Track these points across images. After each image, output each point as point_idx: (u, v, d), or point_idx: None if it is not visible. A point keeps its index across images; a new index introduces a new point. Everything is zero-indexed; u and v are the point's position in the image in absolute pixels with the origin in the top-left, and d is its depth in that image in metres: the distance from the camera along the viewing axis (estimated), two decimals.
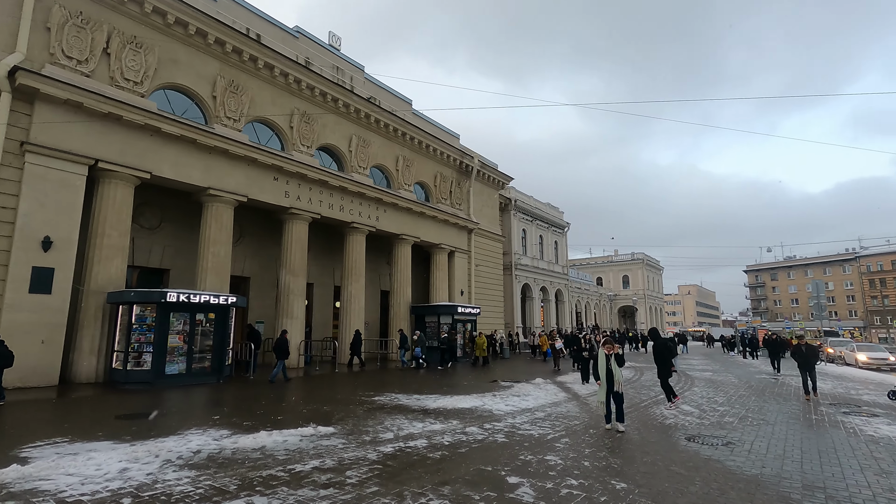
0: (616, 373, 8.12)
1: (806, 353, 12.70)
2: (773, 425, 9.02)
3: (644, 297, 66.86)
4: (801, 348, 12.94)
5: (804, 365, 12.69)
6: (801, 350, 12.85)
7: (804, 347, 12.85)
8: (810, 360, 12.66)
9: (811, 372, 12.61)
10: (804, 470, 6.06)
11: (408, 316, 24.06)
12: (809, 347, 12.90)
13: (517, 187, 38.77)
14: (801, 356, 12.84)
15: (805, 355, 12.71)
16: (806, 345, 12.99)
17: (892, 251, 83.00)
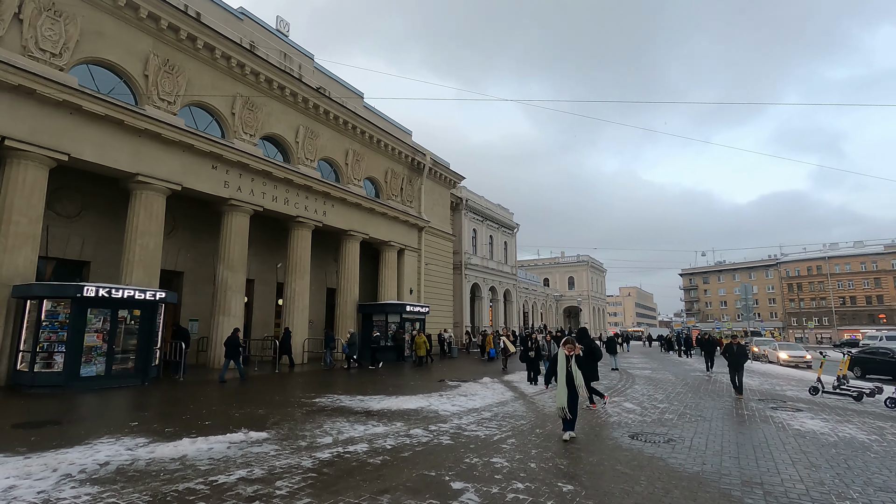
0: (577, 376, 7.47)
1: (736, 353, 13.07)
2: (709, 421, 9.29)
3: (588, 298, 69.08)
4: (731, 347, 13.28)
5: (734, 364, 13.04)
6: (732, 349, 13.20)
7: (735, 347, 13.18)
8: (740, 360, 13.02)
9: (739, 371, 13.00)
10: (742, 466, 6.18)
11: (355, 315, 23.38)
12: (739, 347, 13.23)
13: (469, 187, 38.85)
14: (731, 355, 13.18)
15: (735, 354, 13.07)
16: (737, 344, 13.31)
17: (808, 258, 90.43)
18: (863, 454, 6.90)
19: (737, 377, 12.91)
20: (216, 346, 17.12)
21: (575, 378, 7.43)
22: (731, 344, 13.38)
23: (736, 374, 12.92)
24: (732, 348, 13.15)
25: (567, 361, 7.56)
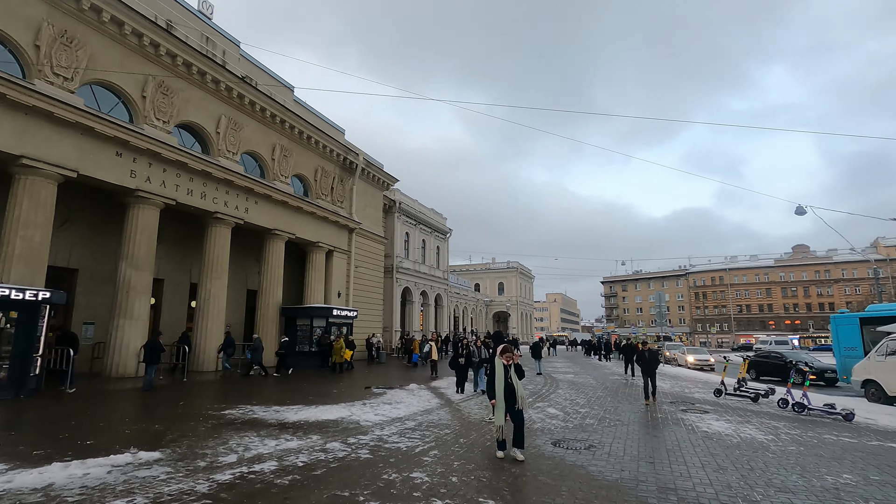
0: (518, 387, 6.75)
1: (648, 359, 13.06)
2: (627, 425, 9.56)
3: (517, 304, 70.89)
4: (644, 354, 13.32)
5: (647, 370, 13.01)
6: (645, 356, 13.21)
7: (647, 353, 13.22)
8: (652, 365, 13.03)
9: (652, 377, 12.94)
10: (657, 471, 6.31)
11: (277, 318, 22.15)
12: (651, 353, 13.26)
13: (403, 190, 38.45)
14: (644, 361, 13.17)
15: (648, 360, 13.05)
16: (649, 350, 13.40)
17: (712, 269, 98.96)
18: (762, 454, 7.33)
19: (650, 382, 12.91)
20: (116, 351, 15.42)
21: (517, 390, 6.69)
22: (644, 350, 13.51)
23: (649, 379, 12.92)
24: (645, 354, 13.25)
25: (506, 372, 6.75)
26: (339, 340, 20.25)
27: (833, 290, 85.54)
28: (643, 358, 13.15)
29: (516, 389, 6.72)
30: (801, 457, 7.24)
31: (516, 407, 6.73)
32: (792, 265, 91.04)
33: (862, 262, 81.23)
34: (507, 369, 6.81)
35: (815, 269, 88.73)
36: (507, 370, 6.81)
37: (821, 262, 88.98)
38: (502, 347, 7.07)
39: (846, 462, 7.00)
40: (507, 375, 6.76)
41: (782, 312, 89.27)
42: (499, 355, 6.94)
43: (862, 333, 16.64)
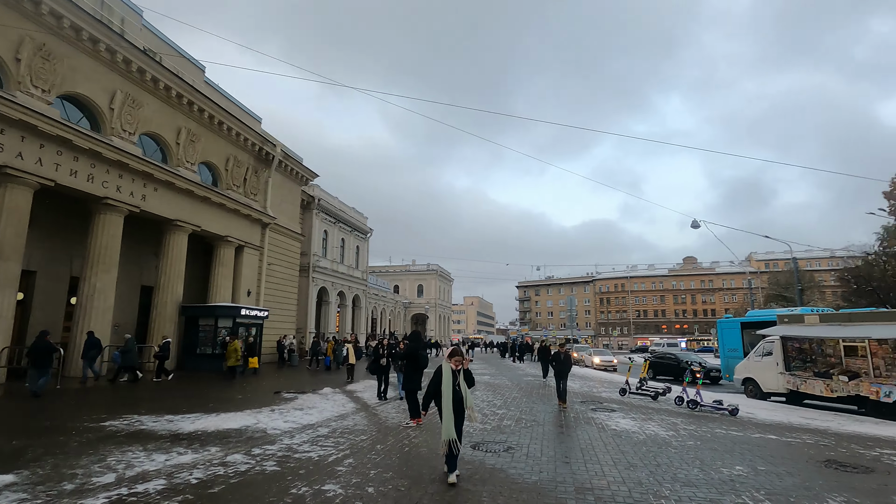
0: (467, 397, 5.92)
1: (563, 361, 12.71)
2: (542, 426, 9.73)
3: (435, 306, 71.28)
4: (559, 356, 12.89)
5: (559, 372, 12.69)
6: (559, 357, 12.84)
7: (561, 355, 12.80)
8: (565, 368, 12.71)
9: (564, 379, 12.67)
10: (574, 471, 6.38)
11: (176, 317, 20.16)
12: (566, 355, 12.90)
13: (323, 187, 37.04)
14: (557, 363, 12.82)
15: (561, 363, 12.71)
16: (564, 353, 12.93)
17: (616, 277, 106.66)
18: (666, 450, 7.74)
19: (561, 384, 12.65)
20: None
21: (465, 399, 5.90)
22: (559, 352, 13.02)
23: (561, 382, 12.65)
24: (559, 356, 12.84)
25: (454, 378, 5.88)
26: (235, 342, 18.29)
27: (715, 297, 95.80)
28: (558, 359, 12.85)
29: (465, 399, 5.89)
30: (698, 451, 7.74)
31: (464, 420, 5.98)
32: (682, 275, 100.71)
33: (739, 273, 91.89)
34: (455, 375, 5.94)
35: (700, 279, 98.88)
36: (456, 376, 5.94)
37: (706, 272, 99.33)
38: (451, 350, 6.30)
39: (736, 454, 7.59)
40: (455, 382, 5.88)
41: (673, 317, 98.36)
42: (446, 359, 6.10)
43: (742, 337, 18.58)
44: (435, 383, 6.04)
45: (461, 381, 5.95)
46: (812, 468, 6.84)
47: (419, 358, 10.11)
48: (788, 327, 14.14)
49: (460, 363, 6.04)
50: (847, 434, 9.56)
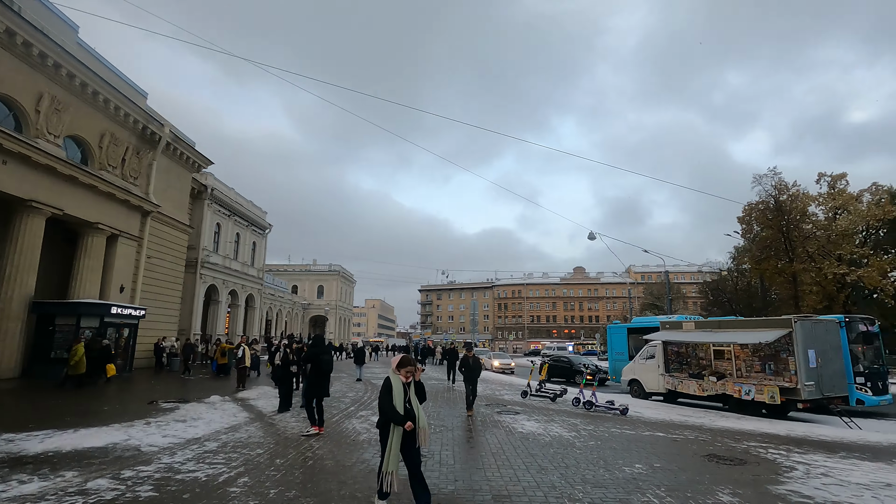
0: (420, 416, 4.73)
1: (472, 366, 11.96)
2: (451, 431, 9.57)
3: (336, 308, 69.02)
4: (468, 361, 11.98)
5: (469, 378, 11.87)
6: (468, 362, 11.96)
7: (471, 360, 11.99)
8: (475, 374, 12.01)
9: (474, 386, 11.96)
10: (488, 478, 6.25)
11: (24, 315, 17.00)
12: (475, 360, 12.15)
13: (218, 176, 34.02)
14: (467, 369, 11.92)
15: (471, 368, 11.94)
16: (473, 357, 12.18)
17: (513, 284, 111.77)
18: (572, 451, 7.96)
19: (471, 390, 11.80)
20: None
21: (418, 419, 4.69)
22: (467, 357, 12.15)
23: (471, 387, 11.80)
24: (468, 361, 11.97)
25: (404, 392, 4.72)
26: (78, 345, 15.31)
27: (599, 305, 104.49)
28: (467, 364, 11.97)
29: (418, 419, 4.67)
30: (600, 451, 8.07)
31: (419, 445, 4.68)
32: (572, 283, 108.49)
33: (620, 283, 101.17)
34: (406, 389, 4.75)
35: (588, 288, 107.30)
36: (406, 391, 4.75)
37: (592, 282, 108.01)
38: (400, 359, 4.93)
39: (633, 453, 8.03)
40: (405, 398, 4.69)
41: (563, 323, 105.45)
42: (394, 369, 4.88)
43: (628, 341, 20.21)
44: (387, 402, 4.65)
45: (412, 397, 4.75)
46: (698, 463, 7.42)
47: (322, 363, 9.34)
48: (669, 333, 15.61)
49: (412, 374, 4.83)
50: (718, 429, 10.65)
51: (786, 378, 12.33)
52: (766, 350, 12.84)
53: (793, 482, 6.38)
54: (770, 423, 11.47)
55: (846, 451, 8.44)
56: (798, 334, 12.18)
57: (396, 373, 4.83)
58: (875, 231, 37.44)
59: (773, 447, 8.68)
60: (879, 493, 5.98)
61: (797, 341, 12.16)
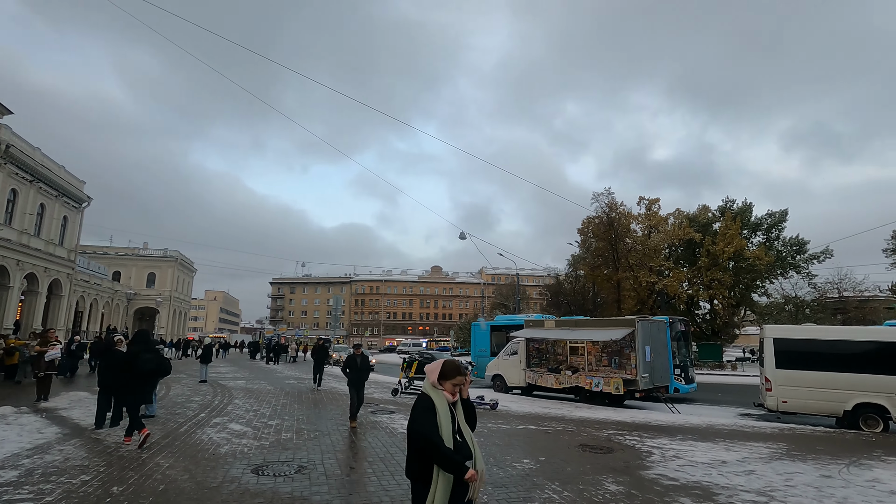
0: (477, 454, 2.99)
1: (361, 367, 9.88)
2: (329, 435, 8.76)
3: (171, 299, 60.64)
4: (354, 360, 9.92)
5: (356, 381, 9.78)
6: (356, 363, 9.87)
7: (360, 360, 9.92)
8: (364, 376, 9.97)
9: (361, 392, 9.91)
10: (385, 488, 5.72)
11: None
12: (364, 359, 10.07)
13: (18, 131, 27.14)
14: (353, 370, 9.81)
15: (360, 369, 9.86)
16: (362, 356, 10.09)
17: (372, 280, 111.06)
18: None
19: (356, 398, 9.71)
20: None
21: (474, 456, 2.94)
22: (354, 356, 9.97)
23: (356, 394, 9.71)
24: (356, 361, 9.82)
25: (452, 419, 2.94)
26: None
27: (453, 303, 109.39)
28: (353, 365, 9.82)
29: (474, 455, 2.96)
30: (487, 447, 8.07)
31: (466, 497, 2.88)
32: (429, 282, 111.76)
33: (474, 283, 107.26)
34: (453, 412, 2.99)
35: (443, 286, 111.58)
36: (454, 415, 2.99)
37: (448, 281, 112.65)
38: (443, 366, 3.09)
39: (516, 448, 8.20)
40: (454, 426, 2.95)
41: (419, 320, 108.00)
42: (435, 382, 3.03)
43: (491, 338, 21.20)
44: (425, 433, 2.82)
45: (462, 424, 3.01)
46: (575, 454, 7.85)
47: (141, 362, 7.74)
48: (532, 330, 16.69)
49: (460, 389, 3.05)
50: (578, 419, 11.58)
51: (627, 371, 14.01)
52: (613, 346, 14.43)
53: (656, 466, 7.08)
54: (616, 412, 12.88)
55: (682, 434, 9.77)
56: (639, 332, 13.92)
57: (438, 387, 2.98)
58: (676, 248, 45.41)
59: (628, 433, 9.67)
60: (722, 469, 6.94)
61: (638, 338, 13.89)
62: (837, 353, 11.64)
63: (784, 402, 11.80)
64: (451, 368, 3.03)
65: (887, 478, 6.68)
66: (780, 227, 44.99)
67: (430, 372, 3.06)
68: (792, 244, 44.78)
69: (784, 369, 11.90)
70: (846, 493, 5.93)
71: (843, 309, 39.62)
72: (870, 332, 12.87)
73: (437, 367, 3.08)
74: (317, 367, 16.45)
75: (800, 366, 11.80)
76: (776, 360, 12.07)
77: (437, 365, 3.10)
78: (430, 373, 3.06)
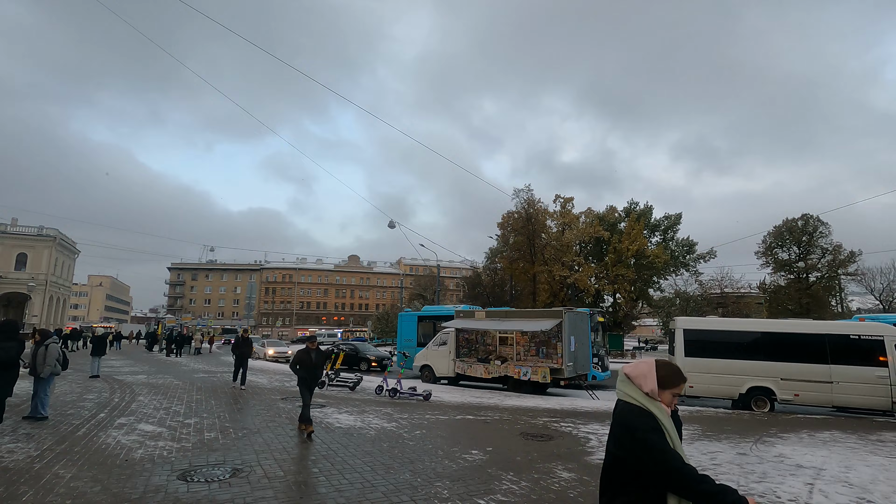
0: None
1: (317, 363, 8.70)
2: (258, 433, 8.08)
3: (47, 284, 53.22)
4: (309, 356, 8.70)
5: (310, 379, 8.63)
6: (310, 359, 8.65)
7: (314, 355, 8.76)
8: (318, 373, 8.97)
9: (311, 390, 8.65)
10: (337, 487, 5.31)
11: None
12: (321, 355, 9.09)
13: None
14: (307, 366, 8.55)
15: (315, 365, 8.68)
16: (317, 350, 8.91)
17: (285, 268, 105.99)
18: (404, 443, 7.57)
19: (308, 397, 8.35)
20: None
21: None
22: (309, 350, 8.64)
23: (308, 392, 8.38)
24: (310, 357, 8.49)
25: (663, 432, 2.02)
26: None
27: (370, 294, 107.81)
28: (306, 361, 8.58)
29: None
30: (432, 440, 7.91)
31: None
32: (346, 271, 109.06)
33: (391, 273, 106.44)
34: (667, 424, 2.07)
35: (361, 276, 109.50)
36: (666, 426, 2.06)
37: (365, 271, 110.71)
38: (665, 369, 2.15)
39: (461, 439, 8.12)
40: (670, 437, 2.04)
41: (333, 310, 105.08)
42: (653, 391, 2.10)
43: (418, 328, 21.05)
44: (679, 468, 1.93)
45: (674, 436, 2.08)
46: (520, 443, 7.94)
47: None
48: (463, 321, 16.77)
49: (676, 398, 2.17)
50: (511, 408, 11.81)
51: (554, 360, 14.57)
52: (541, 337, 14.93)
53: (597, 451, 7.35)
54: (543, 399, 13.36)
55: (609, 419, 10.30)
56: (566, 323, 14.54)
57: (654, 398, 2.11)
58: (586, 245, 48.40)
59: (561, 420, 10.02)
60: None
61: (565, 329, 14.50)
62: (735, 343, 13.02)
63: (691, 387, 12.94)
64: (672, 374, 2.16)
65: (789, 452, 7.52)
66: (675, 229, 49.76)
67: (640, 377, 2.13)
68: (683, 245, 49.80)
69: (692, 357, 13.05)
70: (763, 468, 6.56)
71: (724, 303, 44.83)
72: (757, 324, 14.60)
73: (650, 371, 2.14)
74: (240, 362, 14.09)
75: (705, 354, 13.01)
76: (685, 349, 13.20)
77: (648, 368, 2.16)
78: (638, 378, 2.13)
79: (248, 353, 14.16)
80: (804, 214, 45.28)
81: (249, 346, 14.38)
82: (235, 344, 14.18)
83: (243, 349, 14.07)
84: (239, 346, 14.10)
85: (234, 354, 14.18)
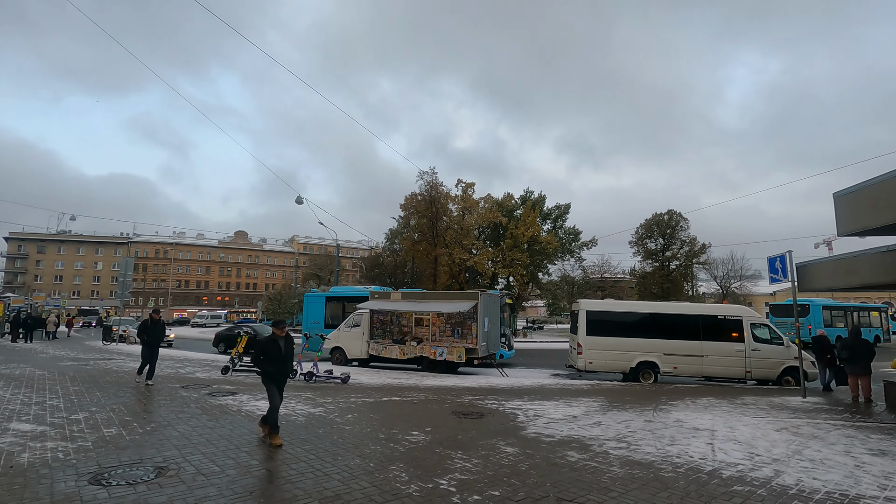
0: None
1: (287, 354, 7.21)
2: (172, 426, 7.24)
3: None
4: (276, 344, 7.09)
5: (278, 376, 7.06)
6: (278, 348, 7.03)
7: (283, 344, 7.16)
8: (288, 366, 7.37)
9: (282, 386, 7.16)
10: (291, 480, 4.96)
11: None
12: (290, 344, 7.44)
13: None
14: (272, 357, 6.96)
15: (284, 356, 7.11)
16: (286, 338, 7.33)
17: (159, 242, 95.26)
18: (340, 429, 7.30)
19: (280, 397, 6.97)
20: None
21: None
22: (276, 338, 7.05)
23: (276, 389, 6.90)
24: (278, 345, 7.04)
25: None
26: None
27: (259, 272, 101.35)
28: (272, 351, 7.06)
29: None
30: (368, 423, 7.74)
31: None
32: (231, 248, 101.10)
33: (284, 252, 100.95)
34: None
35: (249, 254, 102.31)
36: None
37: (254, 248, 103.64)
38: None
39: (397, 421, 8.04)
40: None
41: (216, 290, 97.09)
42: None
43: (326, 309, 20.32)
44: None
45: None
46: (455, 422, 8.09)
47: None
48: (378, 302, 16.53)
49: None
50: (433, 387, 11.97)
51: (468, 340, 15.04)
52: (457, 318, 15.29)
53: (528, 426, 7.78)
54: (459, 378, 13.76)
55: (527, 396, 10.95)
56: (481, 305, 15.04)
57: None
58: (485, 230, 50.31)
59: (484, 398, 10.41)
60: (578, 423, 8.00)
61: (480, 310, 15.00)
62: (629, 323, 14.54)
63: (590, 363, 14.21)
64: None
65: (684, 417, 8.64)
66: (565, 218, 53.74)
67: None
68: (570, 233, 54.07)
69: (592, 336, 14.31)
70: (670, 432, 7.46)
71: (603, 287, 49.78)
72: (646, 307, 16.41)
73: None
74: (149, 351, 11.29)
75: (603, 333, 14.34)
76: (588, 328, 14.43)
77: None
78: None
79: (160, 339, 11.62)
80: (670, 210, 51.64)
81: (162, 331, 11.82)
82: (144, 328, 11.53)
83: (155, 334, 11.37)
84: (149, 331, 11.25)
85: (141, 341, 11.36)
